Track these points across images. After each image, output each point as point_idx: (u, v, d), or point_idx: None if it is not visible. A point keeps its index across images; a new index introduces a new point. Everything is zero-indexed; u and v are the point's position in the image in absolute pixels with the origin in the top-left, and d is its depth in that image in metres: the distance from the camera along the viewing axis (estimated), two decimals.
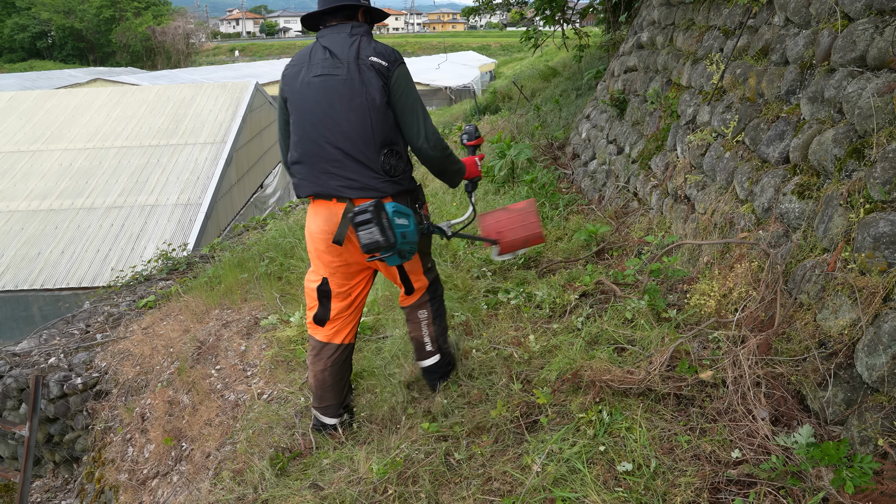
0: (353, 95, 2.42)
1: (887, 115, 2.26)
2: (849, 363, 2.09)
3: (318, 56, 2.51)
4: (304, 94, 2.50)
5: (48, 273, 9.37)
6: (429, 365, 2.93)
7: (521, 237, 3.29)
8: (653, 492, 2.02)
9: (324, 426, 2.87)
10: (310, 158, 2.50)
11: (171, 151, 12.16)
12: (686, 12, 4.87)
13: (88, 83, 30.98)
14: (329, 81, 2.45)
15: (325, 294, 2.67)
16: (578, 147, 6.61)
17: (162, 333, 4.93)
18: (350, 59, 2.44)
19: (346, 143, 2.44)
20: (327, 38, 2.52)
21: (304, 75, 2.51)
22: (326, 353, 2.73)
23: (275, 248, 5.81)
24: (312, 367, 2.77)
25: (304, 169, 2.54)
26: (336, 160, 2.46)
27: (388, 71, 2.45)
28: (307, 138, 2.50)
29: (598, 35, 11.11)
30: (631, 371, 2.54)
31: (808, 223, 2.58)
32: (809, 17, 3.04)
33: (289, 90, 2.56)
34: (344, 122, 2.43)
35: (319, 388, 2.78)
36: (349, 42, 2.48)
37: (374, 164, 2.46)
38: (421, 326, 2.85)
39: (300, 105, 2.51)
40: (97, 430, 4.64)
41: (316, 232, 2.58)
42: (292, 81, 2.55)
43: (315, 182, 2.51)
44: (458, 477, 2.37)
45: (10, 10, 61.10)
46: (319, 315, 2.70)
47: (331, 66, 2.46)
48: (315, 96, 2.47)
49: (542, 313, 3.46)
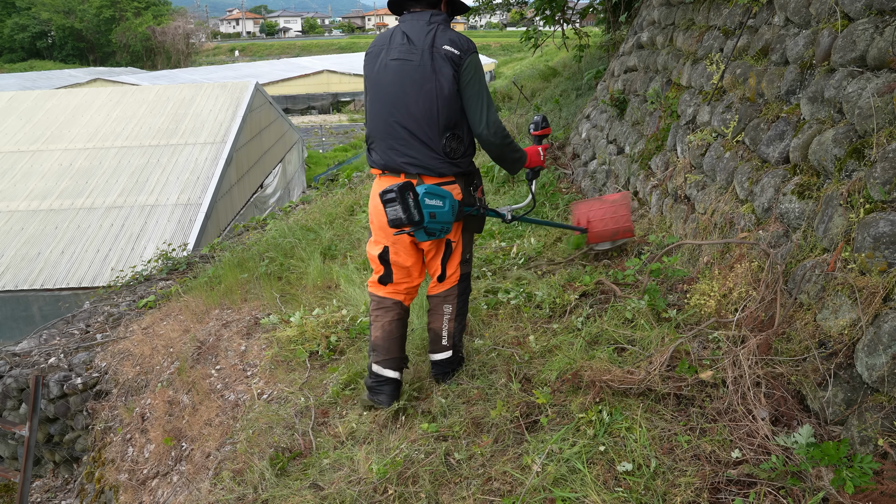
0: (423, 81, 2.60)
1: (887, 115, 2.26)
2: (849, 363, 2.09)
3: (396, 40, 2.68)
4: (380, 75, 2.70)
5: (48, 273, 9.37)
6: (440, 359, 3.02)
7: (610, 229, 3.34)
8: (653, 492, 2.02)
9: (386, 381, 2.88)
10: (380, 135, 2.72)
11: (171, 151, 12.16)
12: (686, 12, 4.87)
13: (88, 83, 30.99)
14: (404, 66, 2.63)
15: (386, 261, 2.84)
16: (578, 147, 6.61)
17: (162, 333, 4.93)
18: (425, 46, 2.60)
19: (413, 124, 2.63)
20: (407, 23, 2.68)
21: (384, 58, 2.70)
22: (393, 307, 2.88)
23: (275, 248, 5.81)
24: (379, 320, 2.87)
25: (375, 143, 2.76)
26: (402, 139, 2.66)
27: (459, 59, 2.60)
28: (379, 116, 2.71)
29: (598, 35, 11.11)
30: (631, 371, 2.54)
31: (808, 223, 2.58)
32: (809, 17, 3.04)
33: (368, 69, 2.77)
34: (413, 104, 2.62)
35: (386, 340, 2.86)
36: (427, 30, 2.63)
37: (436, 145, 2.64)
38: (443, 319, 2.95)
39: (376, 85, 2.72)
40: (97, 430, 4.65)
41: (377, 203, 2.73)
42: (372, 61, 2.75)
43: (383, 157, 2.72)
44: (458, 477, 2.37)
45: (10, 10, 61.11)
46: (383, 277, 2.88)
47: (407, 52, 2.63)
48: (390, 78, 2.66)
49: (542, 313, 3.46)
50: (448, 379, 3.03)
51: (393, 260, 2.82)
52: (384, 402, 2.87)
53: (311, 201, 9.22)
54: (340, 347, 3.83)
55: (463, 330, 3.07)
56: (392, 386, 2.88)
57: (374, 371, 2.91)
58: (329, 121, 33.73)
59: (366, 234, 5.87)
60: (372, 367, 2.92)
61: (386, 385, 2.88)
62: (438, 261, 2.88)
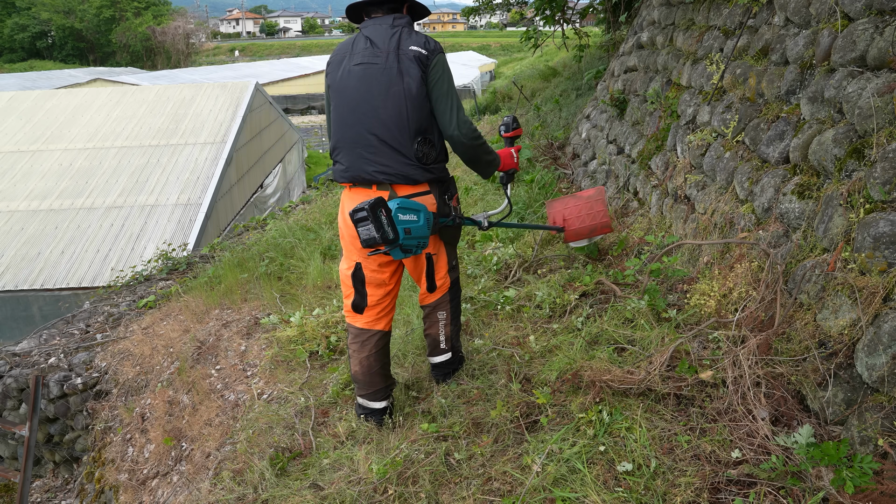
0: (390, 84, 2.49)
1: (887, 115, 2.26)
2: (849, 363, 2.09)
3: (359, 46, 2.58)
4: (344, 81, 2.57)
5: (48, 273, 9.37)
6: (440, 361, 3.01)
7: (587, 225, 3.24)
8: (653, 492, 2.02)
9: (372, 412, 2.83)
10: (347, 144, 2.58)
11: (171, 151, 12.16)
12: (686, 12, 4.87)
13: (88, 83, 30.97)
14: (368, 70, 2.52)
15: (359, 280, 2.69)
16: (578, 147, 6.61)
17: (162, 333, 4.93)
18: (390, 48, 2.51)
19: (382, 130, 2.51)
20: (370, 28, 2.60)
21: (346, 64, 2.59)
22: (370, 338, 2.75)
23: (275, 248, 5.81)
24: (357, 354, 2.77)
25: (341, 154, 2.61)
26: (372, 146, 2.52)
27: (427, 59, 2.52)
28: (345, 124, 2.58)
29: (598, 35, 11.11)
30: (631, 371, 2.54)
31: (808, 223, 2.58)
32: (809, 17, 3.04)
33: (331, 78, 2.65)
34: (380, 109, 2.50)
35: (366, 375, 2.77)
36: (390, 33, 2.55)
37: (408, 151, 2.52)
38: (439, 326, 2.91)
39: (340, 92, 2.59)
40: (97, 430, 4.65)
41: (346, 217, 2.61)
42: (335, 70, 2.63)
43: (352, 168, 2.57)
44: (458, 477, 2.37)
45: (10, 10, 61.09)
46: (356, 302, 2.72)
47: (371, 56, 2.53)
48: (354, 84, 2.54)
49: (542, 313, 3.46)
50: (448, 379, 3.03)
51: (368, 277, 2.68)
52: (376, 425, 2.82)
53: (311, 201, 9.22)
54: (340, 347, 3.83)
55: (459, 330, 3.05)
56: (380, 414, 2.83)
57: (359, 403, 2.87)
58: None
59: None
60: (357, 399, 2.87)
61: (375, 414, 2.84)
62: (423, 276, 2.79)
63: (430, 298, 2.87)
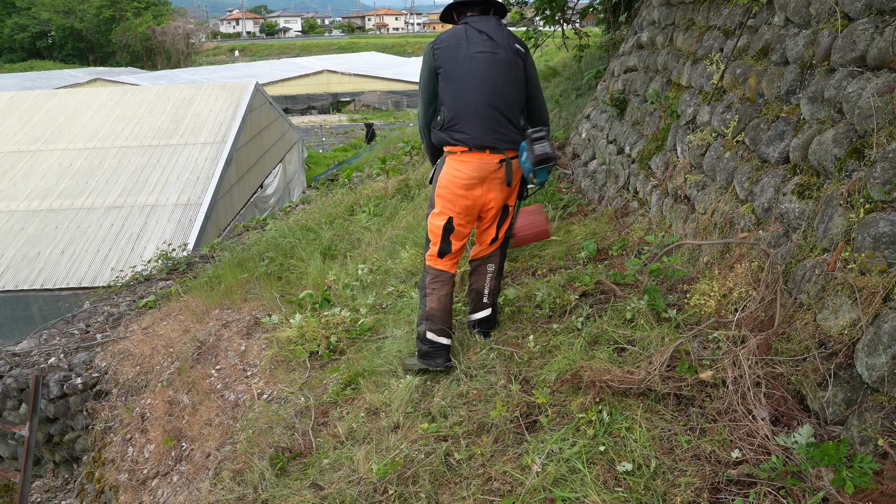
0: (508, 70, 3.09)
1: (887, 115, 2.26)
2: (849, 363, 2.09)
3: (475, 37, 3.09)
4: (467, 65, 3.06)
5: (48, 273, 9.37)
6: (482, 317, 3.38)
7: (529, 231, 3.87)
8: (653, 492, 2.02)
9: (440, 348, 3.17)
10: (469, 116, 3.05)
11: (171, 151, 12.16)
12: (686, 12, 4.87)
13: (88, 83, 31.00)
14: (491, 58, 3.07)
15: (448, 230, 3.18)
16: (578, 147, 6.61)
17: (162, 333, 4.93)
18: (505, 43, 3.11)
19: (504, 107, 3.07)
20: (480, 24, 3.13)
21: (465, 50, 3.07)
22: (448, 279, 3.23)
23: (275, 248, 5.81)
24: (436, 292, 3.20)
25: (461, 125, 3.06)
26: (495, 119, 3.06)
27: (524, 57, 3.18)
28: (469, 100, 3.05)
29: (598, 35, 11.11)
30: (631, 371, 2.54)
31: (808, 223, 2.58)
32: (809, 17, 3.04)
33: (446, 60, 3.09)
34: (502, 89, 3.07)
35: (443, 311, 3.20)
36: (500, 30, 3.14)
37: (517, 123, 3.13)
38: (486, 278, 3.33)
39: (463, 73, 3.06)
40: (97, 430, 4.65)
41: (461, 178, 3.08)
42: (450, 53, 3.09)
43: (475, 135, 3.04)
44: (458, 477, 2.37)
45: (10, 10, 61.09)
46: (442, 249, 3.21)
47: (492, 46, 3.08)
48: (478, 68, 3.05)
49: (542, 313, 3.46)
50: (489, 336, 3.35)
51: (456, 229, 3.17)
52: (439, 365, 3.15)
53: (311, 201, 9.22)
54: (340, 348, 3.83)
55: (499, 289, 3.45)
56: (447, 350, 3.18)
57: (429, 339, 3.19)
58: (329, 121, 33.72)
59: (365, 234, 5.87)
60: (426, 335, 3.19)
61: (442, 350, 3.17)
62: (495, 226, 3.29)
63: (487, 251, 3.33)
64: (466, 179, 3.08)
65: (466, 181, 3.09)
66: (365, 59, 47.18)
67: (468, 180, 3.09)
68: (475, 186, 3.10)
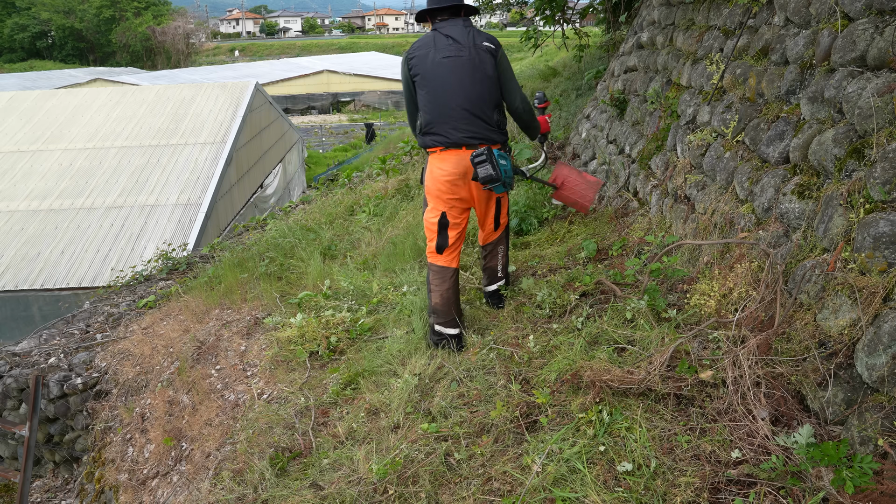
0: (474, 71, 3.28)
1: (887, 115, 2.26)
2: (849, 363, 2.09)
3: (441, 42, 3.31)
4: (435, 71, 3.29)
5: (48, 273, 9.37)
6: (498, 287, 3.77)
7: (573, 197, 4.26)
8: (653, 492, 2.02)
9: (449, 338, 3.37)
10: (442, 118, 3.29)
11: (171, 151, 12.16)
12: (686, 12, 4.87)
13: (88, 83, 30.99)
14: (456, 61, 3.28)
15: (444, 225, 3.40)
16: (578, 147, 6.61)
17: (162, 333, 4.93)
18: (469, 44, 3.29)
19: (470, 105, 3.27)
20: (447, 28, 3.34)
21: (433, 57, 3.30)
22: (448, 274, 3.42)
23: (275, 248, 5.81)
24: (439, 287, 3.41)
25: (436, 126, 3.30)
26: (465, 118, 3.27)
27: (495, 52, 3.34)
28: (440, 104, 3.29)
29: (598, 35, 11.10)
30: (631, 371, 2.54)
31: (808, 223, 2.58)
32: (809, 17, 3.04)
33: (420, 69, 3.33)
34: (469, 89, 3.27)
35: (445, 304, 3.40)
36: (465, 32, 3.33)
37: (490, 119, 3.32)
38: (498, 257, 3.72)
39: (432, 79, 3.30)
40: (97, 430, 4.65)
41: (443, 175, 3.33)
42: (422, 62, 3.32)
43: (447, 136, 3.29)
44: (458, 477, 2.37)
45: (10, 10, 61.05)
46: (440, 243, 3.42)
47: (456, 50, 3.29)
48: (445, 72, 3.28)
49: (542, 313, 3.46)
50: (501, 305, 3.71)
51: (451, 222, 3.39)
52: (454, 350, 3.34)
53: (311, 201, 9.22)
54: (340, 348, 3.83)
55: (509, 261, 3.85)
56: (457, 338, 3.39)
57: (437, 331, 3.41)
58: (329, 121, 33.72)
59: (365, 234, 5.87)
60: (435, 327, 3.42)
61: (450, 339, 3.37)
62: (492, 216, 3.57)
63: (494, 236, 3.66)
64: (448, 175, 3.32)
65: (448, 177, 3.32)
66: (365, 59, 47.16)
67: (450, 176, 3.32)
68: (458, 181, 3.32)
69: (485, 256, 3.75)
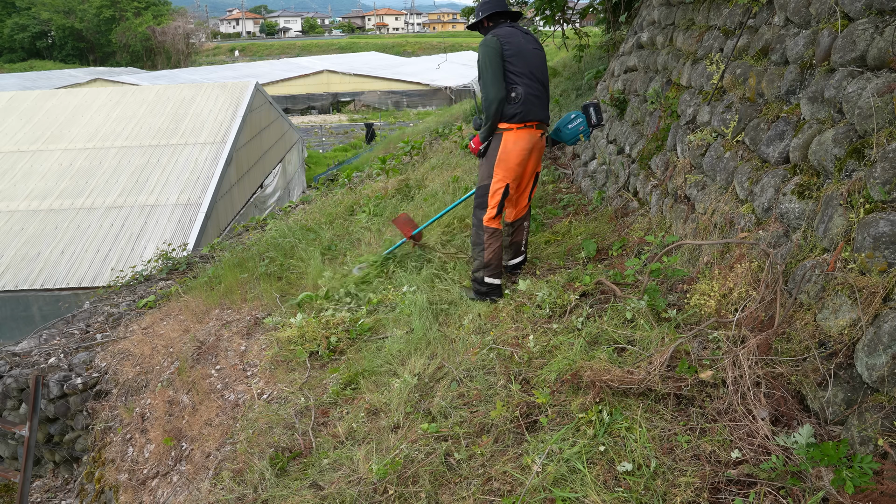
0: (543, 61, 3.98)
1: (887, 115, 2.26)
2: (849, 363, 2.09)
3: (522, 36, 3.91)
4: (528, 57, 3.84)
5: (48, 273, 9.37)
6: (519, 261, 4.25)
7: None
8: (653, 492, 2.02)
9: (496, 287, 3.87)
10: (531, 97, 3.81)
11: (171, 151, 12.15)
12: (686, 12, 4.86)
13: (88, 83, 31.00)
14: (539, 53, 3.96)
15: (505, 196, 3.89)
16: (578, 147, 6.61)
17: (162, 333, 4.93)
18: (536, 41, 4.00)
19: (546, 93, 3.95)
20: (517, 27, 3.98)
21: (524, 45, 3.85)
22: (500, 235, 3.93)
23: (275, 248, 5.81)
24: (493, 245, 3.90)
25: (526, 104, 3.79)
26: (544, 103, 3.91)
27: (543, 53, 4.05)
28: (532, 84, 3.83)
29: (598, 35, 11.10)
30: (631, 371, 2.54)
31: (808, 223, 2.58)
32: (809, 17, 3.04)
33: (514, 49, 3.79)
34: (545, 80, 3.95)
35: (496, 259, 3.90)
36: (528, 32, 4.02)
37: (549, 103, 3.98)
38: (523, 232, 4.21)
39: (526, 63, 3.82)
40: (97, 430, 4.64)
41: (518, 150, 3.82)
42: (513, 45, 3.80)
43: (534, 112, 3.82)
44: (458, 477, 2.37)
45: (10, 10, 61.06)
46: (497, 211, 3.90)
47: (536, 44, 3.96)
48: (536, 61, 3.90)
49: (542, 313, 3.46)
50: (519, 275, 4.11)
51: (510, 194, 3.94)
52: (498, 298, 3.83)
53: (311, 201, 9.22)
54: (340, 348, 3.83)
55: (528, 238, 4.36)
56: (500, 287, 3.90)
57: (486, 282, 3.90)
58: (329, 121, 33.71)
59: (365, 233, 5.87)
60: (484, 279, 3.90)
61: (497, 288, 3.88)
62: (528, 193, 4.12)
63: (523, 212, 4.15)
64: (524, 151, 3.83)
65: (524, 152, 3.83)
66: (365, 59, 47.16)
67: (525, 151, 3.83)
68: (529, 156, 3.88)
69: (512, 233, 4.18)
